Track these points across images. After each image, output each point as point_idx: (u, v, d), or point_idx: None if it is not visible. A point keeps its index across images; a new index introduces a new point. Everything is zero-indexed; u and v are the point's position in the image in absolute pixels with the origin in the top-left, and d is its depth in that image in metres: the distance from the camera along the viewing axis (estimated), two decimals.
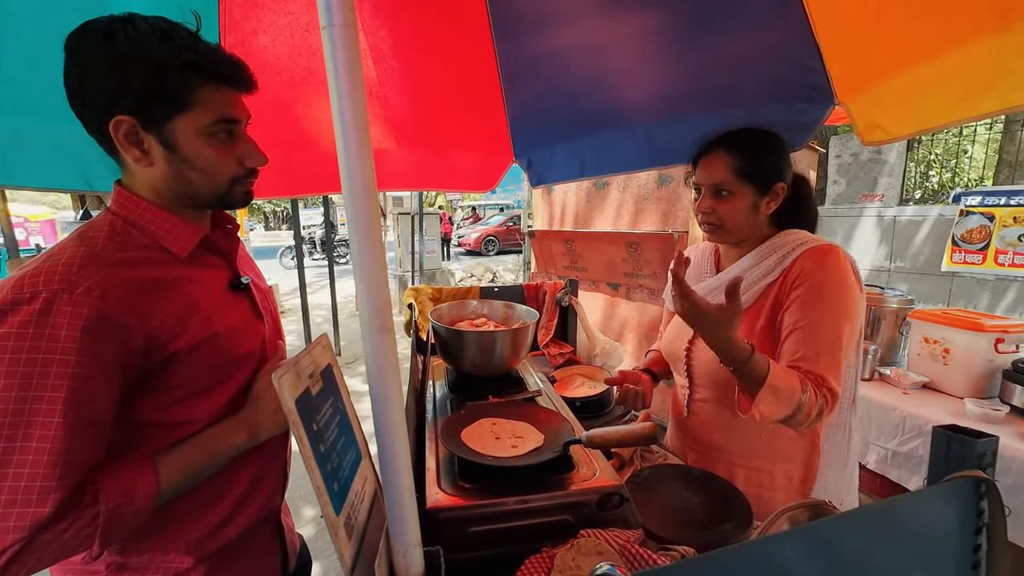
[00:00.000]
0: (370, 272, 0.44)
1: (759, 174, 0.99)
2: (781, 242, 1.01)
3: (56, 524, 0.56)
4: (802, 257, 0.96)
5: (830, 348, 0.91)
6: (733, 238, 1.05)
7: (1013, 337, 1.75)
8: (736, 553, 0.48)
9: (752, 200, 1.00)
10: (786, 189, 1.01)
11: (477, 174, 1.89)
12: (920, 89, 0.91)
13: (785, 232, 1.02)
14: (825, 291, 0.93)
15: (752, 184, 0.99)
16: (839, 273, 0.93)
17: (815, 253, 0.96)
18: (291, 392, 0.39)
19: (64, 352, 0.57)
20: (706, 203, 1.02)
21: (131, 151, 0.68)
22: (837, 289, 0.93)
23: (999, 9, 0.73)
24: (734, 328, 0.86)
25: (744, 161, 0.98)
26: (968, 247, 5.66)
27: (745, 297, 1.00)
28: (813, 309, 0.92)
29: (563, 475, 0.86)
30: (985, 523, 0.54)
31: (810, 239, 0.99)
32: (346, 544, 0.41)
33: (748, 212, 1.00)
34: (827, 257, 0.95)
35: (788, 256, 0.98)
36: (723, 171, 0.99)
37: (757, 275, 1.01)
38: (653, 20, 1.20)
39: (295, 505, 2.65)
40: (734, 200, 1.00)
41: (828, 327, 0.91)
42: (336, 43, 0.39)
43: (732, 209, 1.00)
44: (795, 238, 1.00)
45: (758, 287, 1.00)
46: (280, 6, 1.17)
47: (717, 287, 1.05)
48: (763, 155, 1.00)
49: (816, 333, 0.92)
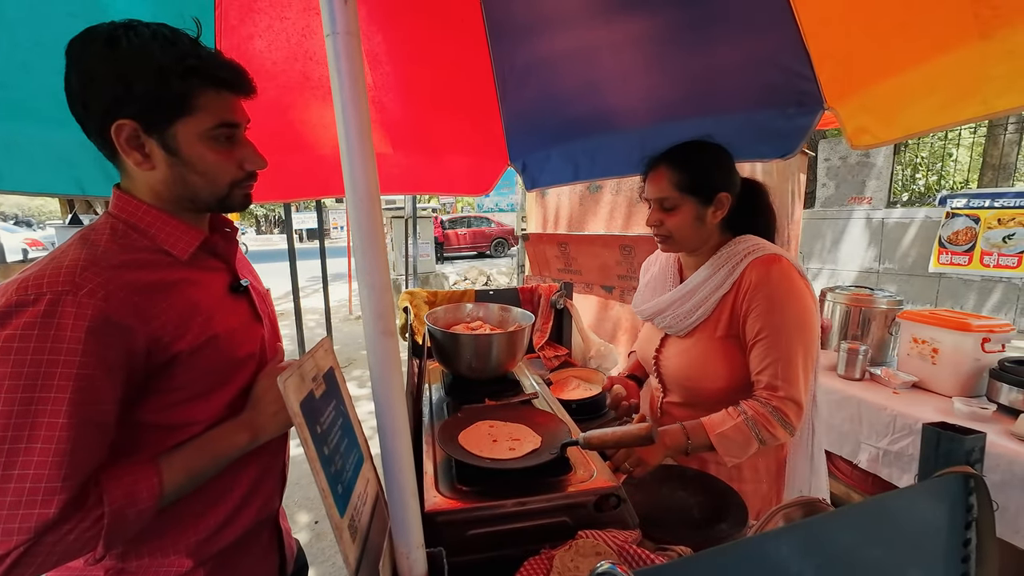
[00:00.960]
0: (373, 276, 0.44)
1: (700, 187, 1.05)
2: (731, 251, 1.07)
3: (61, 526, 0.56)
4: (749, 268, 1.04)
5: (787, 359, 0.99)
6: (684, 248, 1.12)
7: (999, 337, 1.78)
8: (733, 550, 0.49)
9: (696, 212, 1.06)
10: (731, 199, 1.07)
11: (472, 178, 1.90)
12: (906, 94, 0.93)
13: (736, 240, 1.09)
14: (777, 302, 1.00)
15: (694, 196, 1.05)
16: (786, 281, 1.01)
17: (761, 264, 1.03)
18: (296, 395, 0.40)
19: (69, 353, 0.57)
20: (654, 216, 1.10)
21: (133, 155, 0.68)
22: (787, 298, 1.00)
23: (981, 17, 0.75)
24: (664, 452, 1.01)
25: (684, 175, 1.05)
26: (954, 248, 5.77)
27: (702, 311, 1.09)
28: (769, 321, 1.00)
29: (560, 477, 0.87)
30: (974, 518, 0.56)
31: (756, 247, 1.06)
32: (350, 546, 0.41)
33: (693, 223, 1.07)
34: (772, 267, 1.02)
35: (737, 267, 1.05)
36: (665, 186, 1.06)
37: (711, 288, 1.08)
38: (646, 27, 1.22)
39: (289, 511, 2.63)
40: (679, 213, 1.06)
41: (783, 338, 1.00)
42: (340, 51, 0.40)
43: (678, 222, 1.07)
44: (743, 247, 1.07)
45: (713, 300, 1.07)
46: (276, 11, 1.17)
47: (680, 298, 1.13)
48: (703, 168, 1.06)
49: (774, 344, 1.00)
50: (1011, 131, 6.79)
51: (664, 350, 1.19)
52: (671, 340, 1.18)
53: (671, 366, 1.17)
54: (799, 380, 0.99)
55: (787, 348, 0.99)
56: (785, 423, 0.98)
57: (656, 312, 1.19)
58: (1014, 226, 5.39)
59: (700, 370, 1.11)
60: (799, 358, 0.99)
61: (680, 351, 1.15)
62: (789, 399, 0.98)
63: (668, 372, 1.19)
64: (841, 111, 1.07)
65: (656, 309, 1.19)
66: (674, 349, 1.17)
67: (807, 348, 1.01)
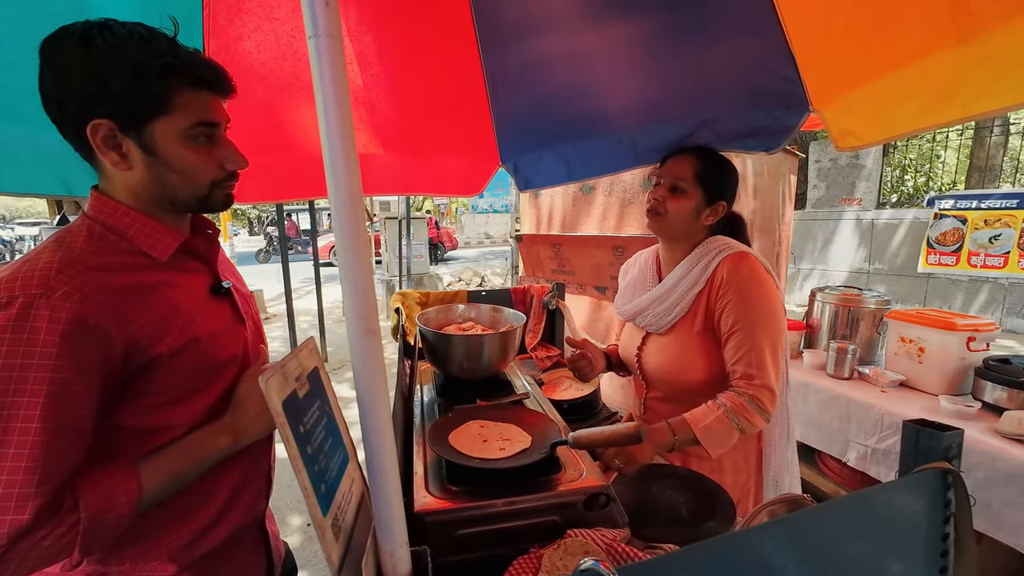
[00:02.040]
0: (356, 276, 0.45)
1: (712, 183, 1.14)
2: (705, 250, 1.16)
3: (35, 532, 0.55)
4: (720, 265, 1.11)
5: (758, 349, 1.06)
6: (669, 231, 1.19)
7: (984, 336, 1.81)
8: (718, 545, 0.50)
9: (698, 204, 1.14)
10: (725, 209, 1.17)
11: (464, 179, 1.90)
12: (889, 97, 0.95)
13: (710, 239, 1.17)
14: (746, 296, 1.08)
15: (704, 190, 1.13)
16: (754, 276, 1.09)
17: (730, 260, 1.11)
18: (278, 395, 0.40)
19: (43, 357, 0.56)
20: (660, 191, 1.17)
21: (109, 155, 0.67)
22: (756, 292, 1.08)
23: (960, 23, 0.76)
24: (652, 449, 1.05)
25: (704, 167, 1.14)
26: (942, 249, 5.85)
27: (679, 308, 1.15)
28: (741, 315, 1.08)
29: (550, 476, 0.87)
30: (952, 512, 0.56)
31: (726, 246, 1.14)
32: (333, 545, 0.41)
33: (691, 214, 1.15)
34: (741, 263, 1.10)
35: (710, 265, 1.12)
36: (686, 169, 1.14)
37: (687, 285, 1.15)
38: (636, 30, 1.23)
39: (281, 514, 2.61)
40: (684, 198, 1.14)
41: (754, 330, 1.07)
42: (322, 53, 0.40)
43: (680, 205, 1.14)
44: (716, 245, 1.15)
45: (689, 297, 1.14)
46: (265, 12, 1.17)
47: (659, 297, 1.19)
48: (720, 171, 1.16)
49: (747, 336, 1.07)
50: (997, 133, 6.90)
51: (645, 348, 1.25)
52: (652, 338, 1.24)
53: (652, 363, 1.23)
54: (769, 368, 1.06)
55: (757, 339, 1.06)
56: (761, 410, 1.04)
57: (637, 312, 1.25)
58: (1000, 227, 5.48)
59: (680, 364, 1.17)
60: (767, 347, 1.06)
61: (660, 348, 1.21)
62: (763, 386, 1.05)
63: (650, 369, 1.24)
64: (826, 113, 1.08)
65: (636, 309, 1.24)
66: (655, 346, 1.22)
67: (775, 337, 1.08)
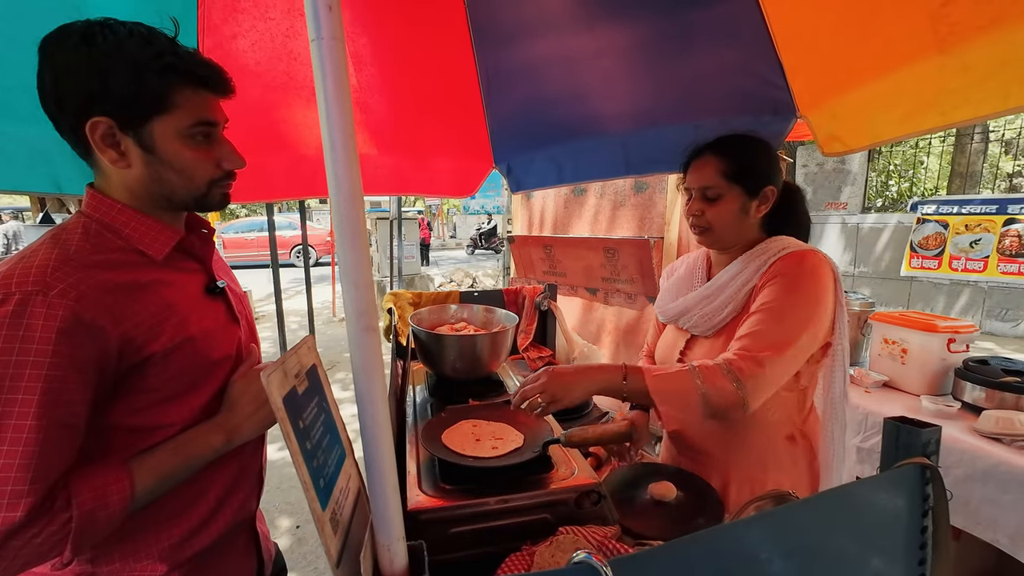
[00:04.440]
0: (355, 273, 0.45)
1: (748, 176, 0.98)
2: (765, 248, 1.00)
3: (27, 529, 0.55)
4: (780, 259, 0.96)
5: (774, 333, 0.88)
6: (723, 242, 1.04)
7: (963, 337, 1.86)
8: (705, 538, 0.51)
9: (741, 203, 0.99)
10: (776, 193, 1.00)
11: (457, 180, 1.91)
12: (873, 104, 0.98)
13: (772, 239, 1.02)
14: (794, 284, 0.92)
15: (740, 186, 0.98)
16: (810, 270, 0.93)
17: (794, 254, 0.96)
18: (279, 390, 0.40)
19: (38, 354, 0.56)
20: (696, 205, 1.02)
21: (108, 153, 0.67)
22: (806, 284, 0.92)
23: (940, 33, 0.79)
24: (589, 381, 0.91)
25: (732, 164, 0.98)
26: (925, 253, 5.98)
27: (730, 308, 0.99)
28: (777, 296, 0.91)
29: (542, 475, 0.88)
30: (930, 507, 0.59)
31: (793, 245, 0.98)
32: (332, 538, 0.42)
33: (737, 215, 1.00)
34: (807, 256, 0.94)
35: (768, 261, 0.97)
36: (711, 174, 0.99)
37: (740, 283, 0.99)
38: (628, 35, 1.25)
39: (270, 516, 2.59)
40: (723, 203, 0.99)
41: (784, 317, 0.90)
42: (325, 56, 0.41)
43: (721, 211, 1.00)
44: (779, 244, 0.99)
45: (742, 295, 0.98)
46: (260, 12, 1.17)
47: (707, 296, 1.04)
48: (751, 158, 1.00)
49: (773, 318, 0.90)
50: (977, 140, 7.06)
51: (690, 353, 1.08)
52: (697, 342, 1.07)
53: None
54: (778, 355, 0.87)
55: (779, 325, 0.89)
56: (736, 379, 0.85)
57: (681, 312, 1.09)
58: (980, 232, 5.62)
59: None
60: (786, 338, 0.88)
61: (707, 353, 1.02)
62: (751, 358, 0.87)
63: None
64: (813, 119, 1.11)
65: (681, 309, 1.09)
66: (701, 351, 1.05)
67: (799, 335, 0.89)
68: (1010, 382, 1.61)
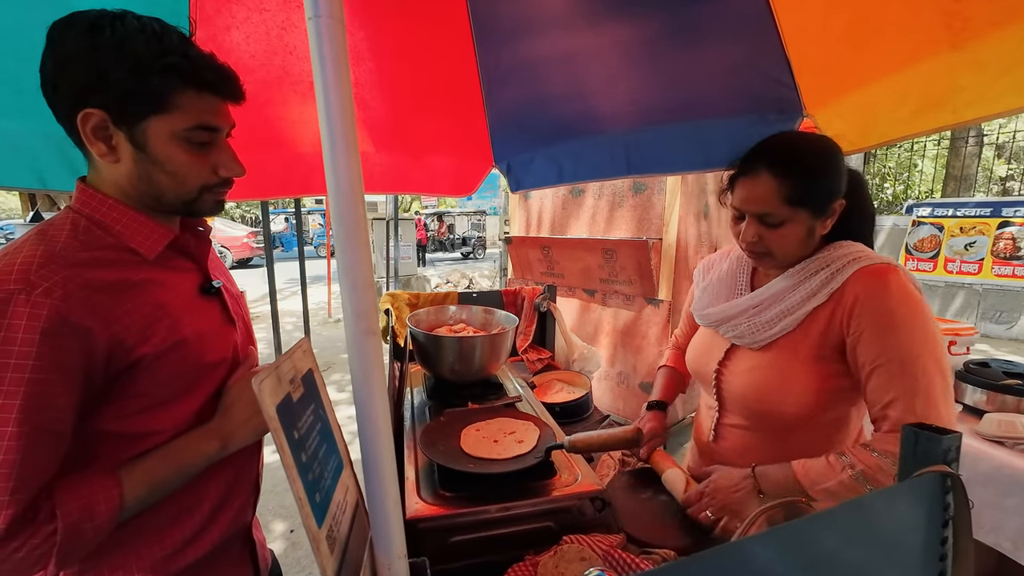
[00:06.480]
0: (355, 274, 0.43)
1: (815, 197, 0.85)
2: (827, 257, 0.89)
3: (9, 542, 0.53)
4: (854, 279, 0.84)
5: (925, 392, 0.77)
6: (784, 264, 0.93)
7: (964, 340, 1.85)
8: (719, 555, 0.49)
9: (808, 225, 0.87)
10: (844, 204, 0.88)
11: (455, 178, 1.88)
12: (881, 102, 0.96)
13: (832, 246, 0.90)
14: (900, 321, 0.80)
15: (807, 209, 0.85)
16: (906, 296, 0.81)
17: (871, 274, 0.84)
18: (272, 398, 0.38)
19: (20, 356, 0.53)
20: (751, 232, 0.89)
21: (97, 145, 0.65)
22: (911, 317, 0.80)
23: (953, 29, 0.77)
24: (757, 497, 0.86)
25: (795, 186, 0.84)
26: (920, 255, 6.02)
27: (787, 322, 0.90)
28: (892, 345, 0.80)
29: (545, 481, 0.86)
30: (951, 516, 0.57)
31: (862, 255, 0.87)
32: (328, 558, 0.39)
33: (803, 238, 0.88)
34: (889, 278, 0.82)
35: (837, 275, 0.86)
36: (770, 199, 0.85)
37: (801, 297, 0.89)
38: (631, 32, 1.23)
39: (264, 520, 2.55)
40: (786, 228, 0.87)
41: (916, 367, 0.78)
42: (322, 35, 0.38)
43: (784, 237, 0.87)
44: (843, 252, 0.88)
45: (803, 311, 0.88)
46: (255, 3, 1.14)
47: (753, 307, 0.95)
48: (817, 174, 0.85)
49: (902, 372, 0.79)
50: (971, 144, 7.12)
51: (730, 364, 0.99)
52: (741, 353, 0.98)
53: (739, 383, 0.97)
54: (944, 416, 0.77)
55: (922, 378, 0.77)
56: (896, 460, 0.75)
57: (724, 319, 1.00)
58: (975, 234, 5.66)
59: (777, 392, 0.91)
60: (938, 389, 0.77)
61: (752, 367, 0.95)
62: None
63: (732, 390, 0.98)
64: (819, 118, 1.09)
65: (724, 316, 1.00)
66: (745, 364, 0.97)
67: (944, 375, 0.79)
68: (1011, 385, 1.60)
